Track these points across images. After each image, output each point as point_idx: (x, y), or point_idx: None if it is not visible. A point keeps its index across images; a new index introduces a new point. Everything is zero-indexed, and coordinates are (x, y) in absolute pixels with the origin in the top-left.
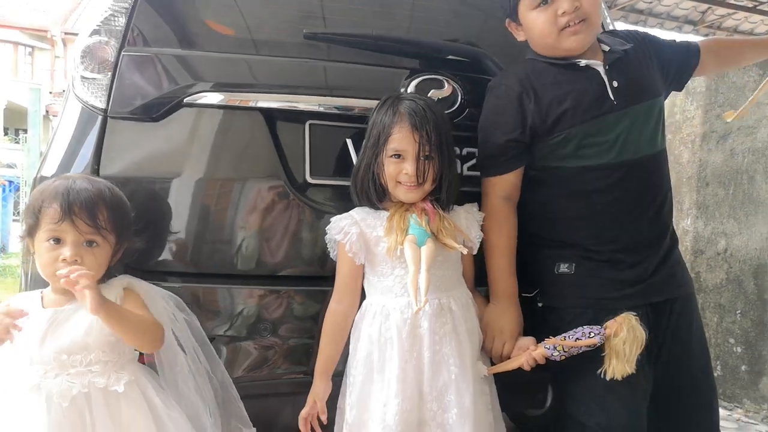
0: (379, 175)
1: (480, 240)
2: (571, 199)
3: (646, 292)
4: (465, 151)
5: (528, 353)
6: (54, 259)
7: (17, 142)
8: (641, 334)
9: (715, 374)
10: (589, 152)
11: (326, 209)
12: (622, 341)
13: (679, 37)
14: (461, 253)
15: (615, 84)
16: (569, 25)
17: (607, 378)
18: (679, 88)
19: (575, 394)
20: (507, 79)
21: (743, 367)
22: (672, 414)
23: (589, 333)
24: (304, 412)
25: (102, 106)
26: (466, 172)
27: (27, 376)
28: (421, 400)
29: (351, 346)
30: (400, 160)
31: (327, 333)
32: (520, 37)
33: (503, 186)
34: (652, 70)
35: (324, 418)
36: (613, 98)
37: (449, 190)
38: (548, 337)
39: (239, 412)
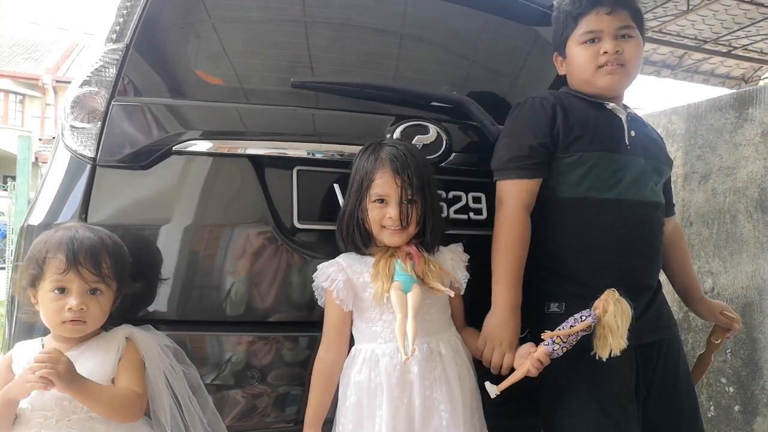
0: (363, 220)
1: (467, 280)
2: (570, 228)
3: (635, 332)
4: (451, 194)
5: (531, 357)
6: (60, 308)
7: (5, 189)
8: (627, 306)
9: (709, 415)
10: (595, 184)
11: (315, 254)
12: (613, 316)
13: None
14: (449, 295)
15: (633, 133)
16: (607, 65)
17: (604, 358)
18: None
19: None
20: (541, 94)
21: (736, 408)
22: None
23: (581, 318)
24: None
25: (91, 155)
26: (452, 215)
27: (28, 423)
28: None
29: (340, 393)
30: (384, 204)
31: (316, 382)
32: (562, 70)
33: (524, 192)
34: (662, 154)
35: None
36: (628, 143)
37: (434, 232)
38: (543, 332)
39: None
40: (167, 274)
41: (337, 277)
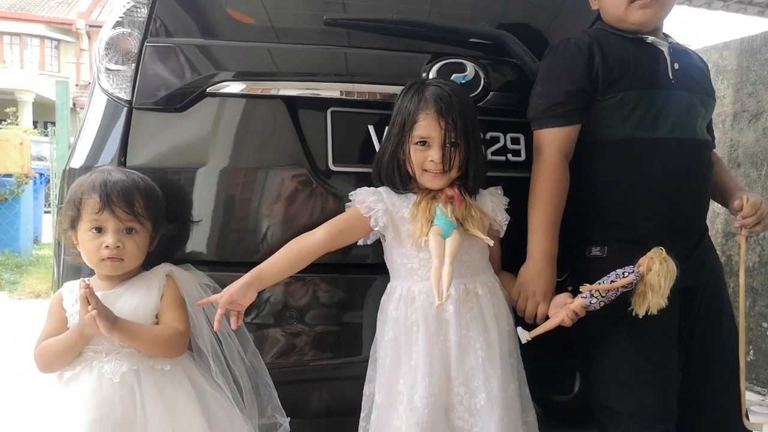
0: (404, 162)
1: (506, 223)
2: (614, 171)
3: (678, 276)
4: (489, 135)
5: (567, 308)
6: (98, 246)
7: (46, 135)
8: (673, 266)
9: (748, 359)
10: (640, 123)
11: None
12: (657, 274)
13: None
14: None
15: (676, 66)
16: None
17: (641, 315)
18: None
19: (604, 380)
20: (576, 35)
21: None
22: (698, 399)
23: (623, 273)
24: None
25: (127, 97)
26: (490, 157)
27: (80, 356)
28: (448, 384)
29: (378, 329)
30: (426, 147)
31: (285, 247)
32: (594, 5)
33: (562, 139)
34: (708, 84)
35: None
36: (671, 77)
37: (476, 177)
38: (582, 285)
39: (274, 400)
40: (204, 216)
41: (377, 206)
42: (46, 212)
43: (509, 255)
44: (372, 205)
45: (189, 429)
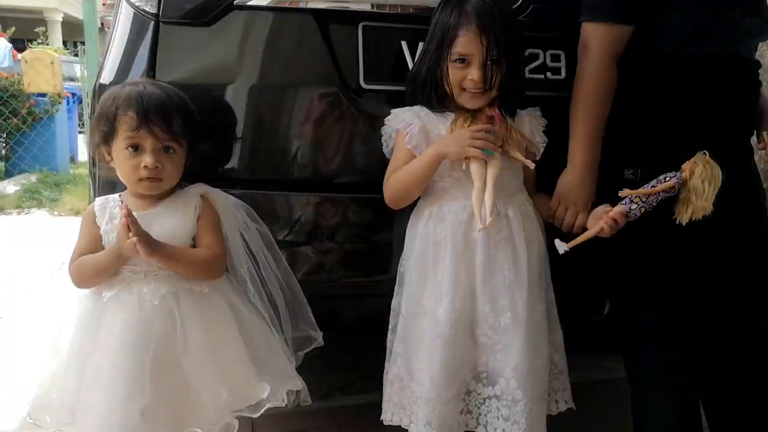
0: (441, 80)
1: (544, 146)
2: (661, 87)
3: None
4: (527, 52)
5: (606, 216)
6: (135, 166)
7: (76, 55)
8: (718, 170)
9: None
10: (692, 36)
11: (381, 115)
12: (700, 178)
13: None
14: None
15: None
16: None
17: (684, 222)
18: None
19: (635, 300)
20: None
21: None
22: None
23: (664, 179)
24: None
25: (153, 10)
26: (528, 75)
27: (117, 276)
28: (473, 302)
29: (406, 245)
30: (465, 64)
31: None
32: None
33: (614, 39)
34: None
35: None
36: None
37: (516, 96)
38: (622, 191)
39: (307, 316)
40: (234, 134)
41: (414, 122)
42: (80, 132)
43: (543, 178)
44: (410, 120)
45: (228, 350)
